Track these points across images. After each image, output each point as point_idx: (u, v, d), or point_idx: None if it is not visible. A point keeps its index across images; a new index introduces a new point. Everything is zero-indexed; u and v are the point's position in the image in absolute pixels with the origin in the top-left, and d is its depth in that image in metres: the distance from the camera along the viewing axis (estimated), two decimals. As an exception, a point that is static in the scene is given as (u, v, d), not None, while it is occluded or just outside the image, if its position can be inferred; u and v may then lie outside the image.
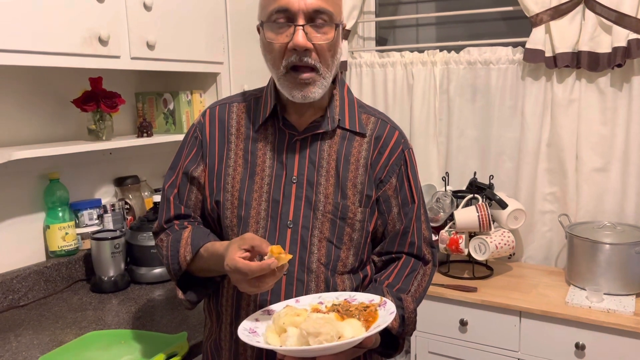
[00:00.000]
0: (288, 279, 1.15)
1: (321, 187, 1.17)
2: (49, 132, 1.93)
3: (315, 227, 1.17)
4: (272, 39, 1.11)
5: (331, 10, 1.09)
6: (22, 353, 1.43)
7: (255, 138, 1.21)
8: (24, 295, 1.79)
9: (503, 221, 2.14)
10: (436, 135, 2.47)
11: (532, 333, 1.91)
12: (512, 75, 2.29)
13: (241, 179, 1.19)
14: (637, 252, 1.89)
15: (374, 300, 1.08)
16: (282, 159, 1.19)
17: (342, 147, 1.20)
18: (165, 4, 1.89)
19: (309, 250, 1.16)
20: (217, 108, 1.27)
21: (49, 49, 1.56)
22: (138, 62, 1.82)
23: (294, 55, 1.09)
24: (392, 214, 1.22)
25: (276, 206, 1.17)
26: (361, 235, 1.19)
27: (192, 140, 1.26)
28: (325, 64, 1.12)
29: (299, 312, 1.03)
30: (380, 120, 1.25)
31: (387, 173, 1.21)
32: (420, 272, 1.23)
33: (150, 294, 1.86)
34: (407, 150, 1.25)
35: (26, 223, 1.88)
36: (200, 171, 1.23)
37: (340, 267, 1.18)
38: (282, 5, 1.07)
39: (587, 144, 2.17)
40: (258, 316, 1.09)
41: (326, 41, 1.10)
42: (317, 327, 0.95)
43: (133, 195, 2.20)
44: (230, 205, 1.19)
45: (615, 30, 1.99)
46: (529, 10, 2.14)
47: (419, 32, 2.71)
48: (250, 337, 1.01)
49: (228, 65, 2.19)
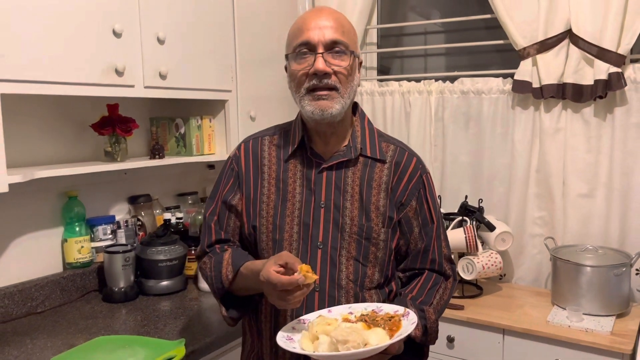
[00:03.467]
0: (320, 294, 1.27)
1: (347, 211, 1.30)
2: (69, 153, 2.08)
3: (343, 247, 1.28)
4: (296, 68, 1.26)
5: (346, 41, 1.26)
6: (36, 354, 1.58)
7: (285, 167, 1.34)
8: (41, 303, 1.94)
9: (491, 243, 2.24)
10: (431, 160, 2.59)
11: (514, 350, 2.00)
12: (503, 104, 2.40)
13: (274, 205, 1.32)
14: (616, 274, 1.97)
15: (398, 311, 1.19)
16: (311, 186, 1.31)
17: (364, 173, 1.32)
18: (177, 37, 2.03)
19: (338, 269, 1.28)
20: (250, 142, 1.41)
21: (70, 80, 1.71)
22: (151, 91, 1.97)
23: (315, 79, 1.24)
24: (413, 234, 1.34)
25: (307, 229, 1.29)
26: (385, 253, 1.31)
27: (229, 172, 1.40)
28: (344, 86, 1.26)
29: (330, 321, 1.15)
30: (399, 148, 1.37)
31: (407, 196, 1.33)
32: (442, 286, 1.35)
33: (156, 304, 1.99)
34: (425, 174, 1.37)
35: (45, 236, 2.02)
36: (238, 199, 1.36)
37: (367, 283, 1.30)
38: (304, 39, 1.24)
39: (573, 170, 2.26)
40: (294, 325, 1.21)
41: (343, 66, 1.25)
42: (345, 335, 1.06)
43: (145, 213, 2.34)
44: (266, 229, 1.31)
45: (597, 64, 2.11)
46: (517, 44, 2.26)
47: (417, 62, 2.85)
48: (287, 343, 1.13)
49: (236, 93, 2.33)
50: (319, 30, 1.24)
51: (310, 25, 1.25)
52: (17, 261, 1.93)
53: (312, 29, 1.24)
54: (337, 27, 1.25)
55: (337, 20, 1.27)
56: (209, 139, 2.32)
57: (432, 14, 2.81)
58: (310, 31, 1.24)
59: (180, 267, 2.15)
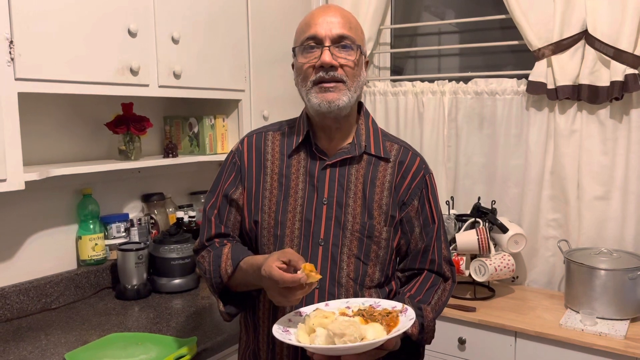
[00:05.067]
0: (320, 292, 1.27)
1: (349, 208, 1.29)
2: (84, 151, 2.10)
3: (344, 244, 1.28)
4: (303, 61, 1.28)
5: (353, 36, 1.27)
6: (50, 349, 1.60)
7: (289, 163, 1.34)
8: (56, 299, 1.97)
9: (504, 245, 2.23)
10: (445, 161, 2.58)
11: (526, 353, 1.99)
12: (517, 105, 2.39)
13: (277, 201, 1.31)
14: (630, 278, 1.95)
15: (396, 307, 1.19)
16: (314, 182, 1.31)
17: (368, 172, 1.32)
18: (191, 37, 2.05)
19: (339, 266, 1.28)
20: (254, 136, 1.40)
21: (86, 79, 1.73)
22: (165, 90, 1.99)
23: (322, 72, 1.25)
24: (414, 234, 1.34)
25: (309, 226, 1.29)
26: (386, 252, 1.31)
27: (230, 165, 1.39)
28: (351, 79, 1.27)
29: (327, 314, 1.14)
30: (403, 148, 1.37)
31: (409, 196, 1.33)
32: (440, 287, 1.35)
33: (169, 302, 2.01)
34: (428, 175, 1.37)
35: (60, 233, 2.05)
36: (239, 194, 1.35)
37: (367, 282, 1.30)
38: (312, 33, 1.26)
39: (588, 172, 2.24)
40: (291, 317, 1.21)
41: (350, 60, 1.26)
42: (342, 329, 1.06)
43: (158, 211, 2.36)
44: (267, 225, 1.31)
45: (613, 65, 2.08)
46: (532, 45, 2.25)
47: (431, 62, 2.84)
48: (283, 335, 1.12)
49: (249, 93, 2.35)
50: (327, 25, 1.25)
51: (317, 20, 1.27)
52: (32, 258, 1.95)
53: (320, 24, 1.26)
54: (344, 22, 1.27)
55: (344, 16, 1.29)
56: (222, 138, 2.34)
57: (447, 14, 2.79)
58: (317, 26, 1.26)
59: (193, 265, 2.16)
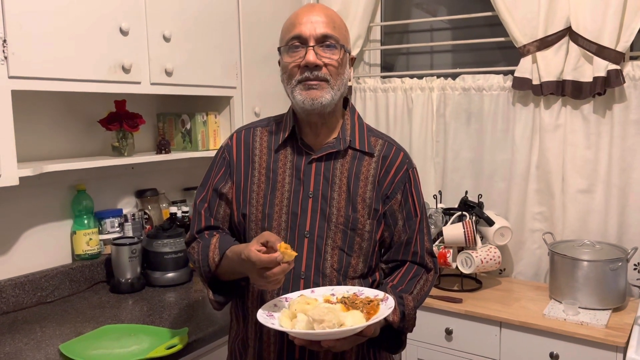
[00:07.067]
0: (306, 282, 1.31)
1: (334, 202, 1.33)
2: (77, 148, 2.13)
3: (329, 237, 1.32)
4: (288, 61, 1.31)
5: (337, 35, 1.30)
6: (45, 341, 1.64)
7: (276, 157, 1.38)
8: (51, 293, 2.00)
9: (490, 238, 2.27)
10: (433, 156, 2.62)
11: (511, 342, 2.04)
12: (504, 101, 2.43)
13: (264, 195, 1.35)
14: (612, 269, 2.00)
15: (378, 295, 1.23)
16: (300, 176, 1.35)
17: (352, 166, 1.36)
18: (182, 35, 2.08)
19: (323, 258, 1.32)
20: (242, 132, 1.44)
21: (79, 77, 1.76)
22: (157, 87, 2.02)
23: (307, 71, 1.28)
24: (397, 226, 1.38)
25: (295, 218, 1.33)
26: (370, 244, 1.35)
27: (220, 160, 1.43)
28: (334, 78, 1.30)
29: (309, 300, 1.19)
30: (387, 143, 1.41)
31: (393, 189, 1.37)
32: (423, 277, 1.39)
33: (162, 295, 2.05)
34: (412, 169, 1.41)
35: (55, 228, 2.08)
36: (228, 188, 1.39)
37: (351, 272, 1.34)
38: (296, 33, 1.29)
39: (572, 166, 2.29)
40: (276, 302, 1.25)
41: (334, 60, 1.30)
42: (322, 315, 1.10)
43: (152, 206, 2.40)
44: (255, 218, 1.35)
45: (596, 61, 2.13)
46: (517, 42, 2.29)
47: (421, 59, 2.88)
48: (267, 319, 1.16)
49: (240, 90, 2.38)
50: (311, 25, 1.28)
51: (302, 19, 1.30)
52: (27, 252, 1.99)
53: (304, 24, 1.29)
54: (328, 22, 1.30)
55: (329, 16, 1.32)
56: (215, 134, 2.37)
57: (437, 11, 2.83)
58: (302, 25, 1.29)
59: (186, 259, 2.20)
